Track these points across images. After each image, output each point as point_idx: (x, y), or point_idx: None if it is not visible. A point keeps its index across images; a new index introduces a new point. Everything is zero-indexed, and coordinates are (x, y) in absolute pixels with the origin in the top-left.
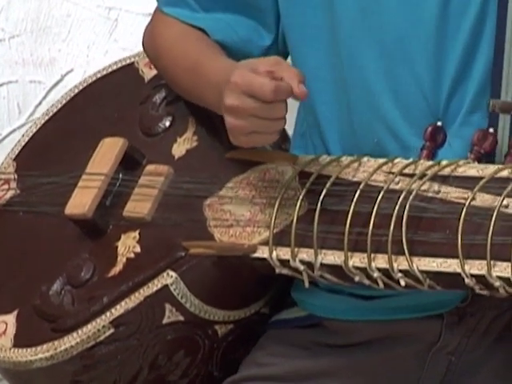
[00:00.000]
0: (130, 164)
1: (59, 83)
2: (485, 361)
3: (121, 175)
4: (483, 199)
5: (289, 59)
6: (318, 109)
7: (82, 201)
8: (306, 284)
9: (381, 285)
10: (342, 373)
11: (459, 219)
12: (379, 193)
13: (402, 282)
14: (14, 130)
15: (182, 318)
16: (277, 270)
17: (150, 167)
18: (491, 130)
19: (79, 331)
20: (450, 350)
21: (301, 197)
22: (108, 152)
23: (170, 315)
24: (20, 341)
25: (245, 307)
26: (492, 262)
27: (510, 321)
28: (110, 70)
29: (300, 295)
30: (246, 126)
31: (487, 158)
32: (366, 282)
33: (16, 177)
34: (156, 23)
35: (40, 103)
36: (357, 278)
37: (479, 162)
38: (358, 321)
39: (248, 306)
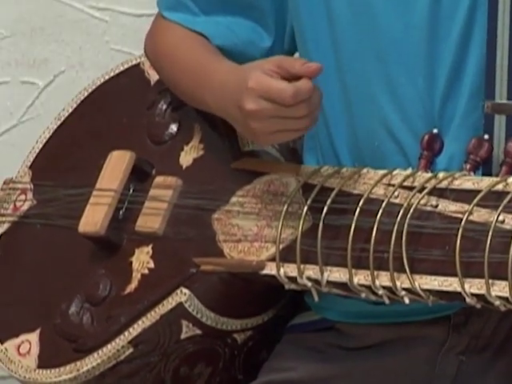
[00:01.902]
0: (139, 176)
1: (51, 84)
2: (495, 362)
3: (131, 188)
4: (480, 214)
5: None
6: (326, 111)
7: (93, 218)
8: (316, 298)
9: (387, 301)
10: (356, 376)
11: (457, 235)
12: (379, 207)
13: (407, 300)
14: (5, 131)
15: (199, 332)
16: (286, 286)
17: (158, 179)
18: (486, 136)
19: (100, 352)
20: (459, 350)
21: (304, 211)
22: (116, 166)
23: (188, 330)
24: (44, 362)
25: (261, 313)
26: (490, 281)
27: None
28: (117, 71)
29: (313, 300)
30: (269, 127)
31: (484, 165)
32: (373, 297)
33: (32, 187)
34: (157, 28)
35: (32, 104)
36: (363, 295)
37: (475, 171)
38: (369, 324)
39: (264, 312)
